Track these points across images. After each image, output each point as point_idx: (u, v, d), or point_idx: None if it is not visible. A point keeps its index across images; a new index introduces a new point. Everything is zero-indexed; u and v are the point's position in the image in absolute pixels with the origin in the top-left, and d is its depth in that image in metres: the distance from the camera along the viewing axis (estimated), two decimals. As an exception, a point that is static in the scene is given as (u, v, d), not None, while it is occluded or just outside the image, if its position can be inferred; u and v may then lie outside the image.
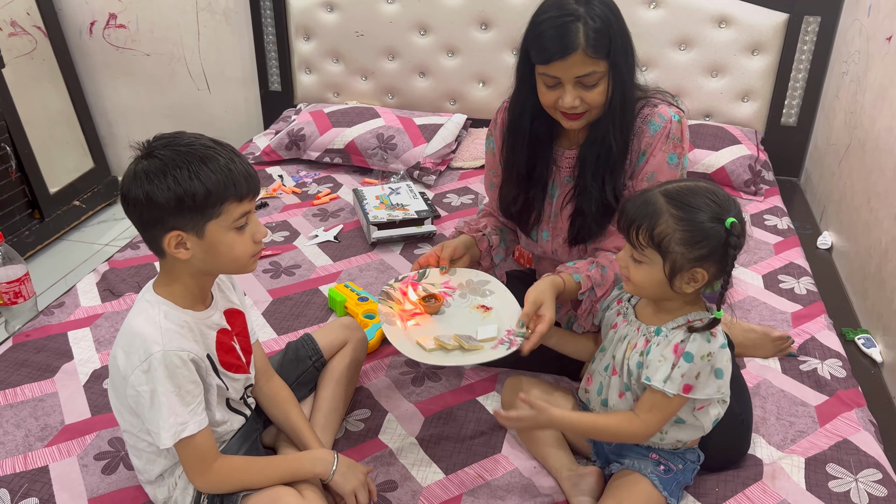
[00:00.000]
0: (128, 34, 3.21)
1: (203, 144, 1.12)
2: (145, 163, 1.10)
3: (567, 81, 1.36)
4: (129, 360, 1.14)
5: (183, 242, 1.13)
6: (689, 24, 2.59)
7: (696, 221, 1.14)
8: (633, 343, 1.26)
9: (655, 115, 1.45)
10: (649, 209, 1.17)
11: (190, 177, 1.08)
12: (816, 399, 1.57)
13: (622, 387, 1.28)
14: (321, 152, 2.63)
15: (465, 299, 1.53)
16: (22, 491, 1.32)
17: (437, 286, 1.54)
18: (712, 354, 1.18)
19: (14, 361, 1.65)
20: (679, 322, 1.22)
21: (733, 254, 1.14)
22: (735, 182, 2.42)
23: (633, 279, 1.22)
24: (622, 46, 1.37)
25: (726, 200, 1.18)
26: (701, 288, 1.20)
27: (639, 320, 1.28)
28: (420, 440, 1.44)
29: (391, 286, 1.53)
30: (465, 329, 1.43)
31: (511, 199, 1.60)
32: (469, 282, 1.55)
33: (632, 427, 1.21)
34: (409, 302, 1.50)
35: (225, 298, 1.31)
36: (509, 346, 1.35)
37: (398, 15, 2.80)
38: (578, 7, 1.32)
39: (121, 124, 3.46)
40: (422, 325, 1.46)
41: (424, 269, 1.57)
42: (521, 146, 1.53)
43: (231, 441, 1.30)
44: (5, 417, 1.49)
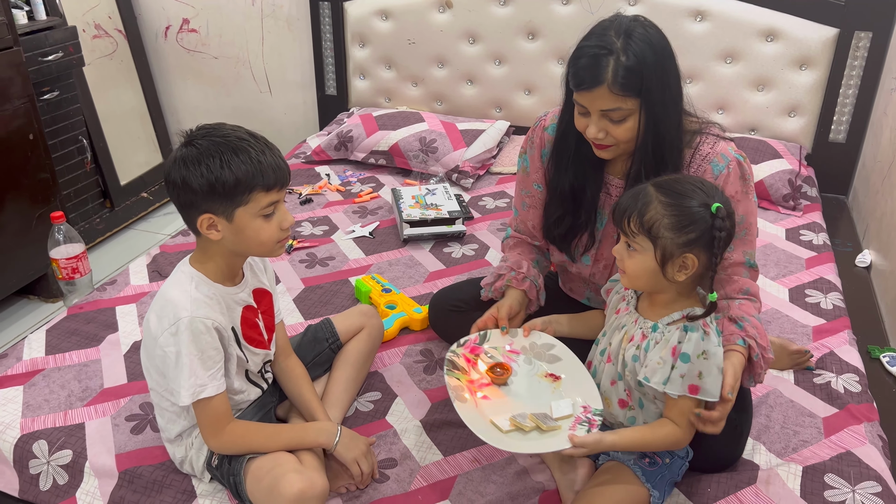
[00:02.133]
0: (198, 38, 3.41)
1: (238, 137, 1.23)
2: (185, 150, 1.22)
3: (593, 112, 1.35)
4: (160, 322, 1.25)
5: (214, 225, 1.24)
6: (735, 37, 2.58)
7: (683, 206, 1.19)
8: (629, 335, 1.30)
9: (718, 155, 1.41)
10: (640, 198, 1.22)
11: (221, 166, 1.19)
12: (826, 411, 1.56)
13: (615, 375, 1.32)
14: (367, 153, 2.75)
15: (530, 366, 1.46)
16: (59, 443, 1.46)
17: (499, 350, 1.49)
18: (707, 352, 1.20)
19: (66, 330, 1.81)
20: (674, 317, 1.26)
21: (720, 237, 1.17)
22: (773, 196, 2.40)
23: (627, 269, 1.26)
24: (658, 87, 1.32)
25: (713, 189, 1.22)
26: (693, 277, 1.23)
27: (637, 312, 1.32)
28: (424, 424, 1.51)
29: (455, 353, 1.47)
30: (537, 403, 1.37)
31: (554, 221, 1.57)
32: (533, 345, 1.49)
33: (676, 435, 1.24)
34: (476, 371, 1.45)
35: (255, 278, 1.41)
36: (589, 426, 1.28)
37: (449, 24, 2.90)
38: (616, 40, 1.29)
39: (189, 122, 3.64)
40: (491, 398, 1.40)
41: (485, 332, 1.51)
42: (565, 166, 1.51)
43: (247, 410, 1.41)
44: (53, 378, 1.64)
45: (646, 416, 1.30)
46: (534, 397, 1.40)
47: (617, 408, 1.33)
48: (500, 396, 1.41)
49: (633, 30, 1.32)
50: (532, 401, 1.39)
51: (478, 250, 2.20)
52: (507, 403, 1.39)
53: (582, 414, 1.33)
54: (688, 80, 2.69)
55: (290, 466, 1.24)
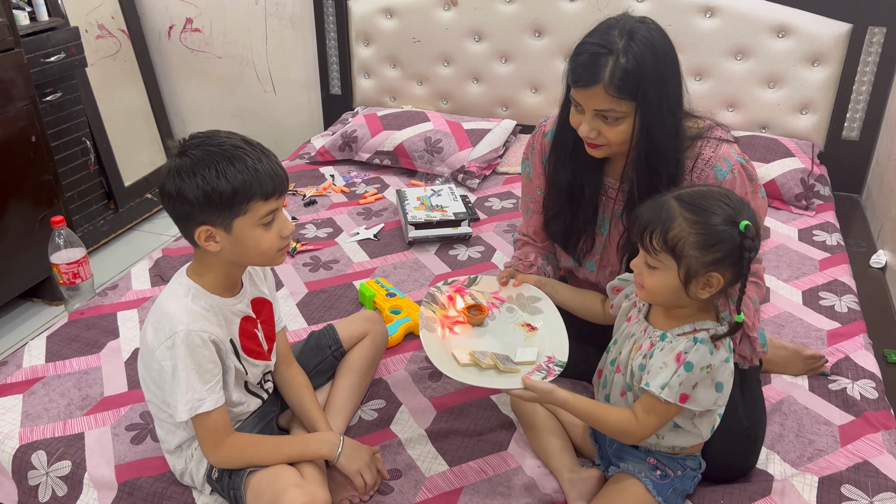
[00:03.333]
0: (202, 38, 3.39)
1: (233, 145, 1.19)
2: (178, 160, 1.18)
3: (587, 111, 1.34)
4: (156, 335, 1.22)
5: (212, 236, 1.21)
6: (746, 33, 2.54)
7: (710, 224, 1.14)
8: (638, 344, 1.26)
9: (720, 159, 1.39)
10: (663, 213, 1.17)
11: (217, 176, 1.15)
12: (842, 419, 1.52)
13: (624, 386, 1.28)
14: (371, 154, 2.71)
15: (511, 314, 1.48)
16: (57, 454, 1.44)
17: (485, 295, 1.51)
18: (712, 367, 1.16)
19: (67, 336, 1.79)
20: (685, 329, 1.22)
21: (748, 257, 1.13)
22: (785, 195, 2.35)
23: (647, 286, 1.21)
24: (655, 93, 1.29)
25: (740, 203, 1.17)
26: (716, 294, 1.19)
27: (647, 321, 1.28)
28: (429, 433, 1.48)
29: (438, 289, 1.51)
30: (506, 347, 1.40)
31: (552, 216, 1.56)
32: (520, 296, 1.50)
33: (629, 426, 1.21)
34: (455, 309, 1.48)
35: (255, 288, 1.38)
36: (546, 375, 1.30)
37: (454, 22, 2.86)
38: (618, 41, 1.27)
39: (193, 123, 3.64)
40: (461, 335, 1.43)
41: (476, 276, 1.54)
42: (564, 162, 1.50)
43: (247, 420, 1.38)
44: (53, 386, 1.62)
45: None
46: (504, 342, 1.42)
47: (627, 419, 1.29)
48: (471, 336, 1.43)
49: (637, 31, 1.28)
50: (502, 345, 1.40)
51: (484, 252, 2.16)
52: (474, 342, 1.41)
53: (544, 363, 1.34)
54: (697, 78, 2.65)
55: (291, 480, 1.21)
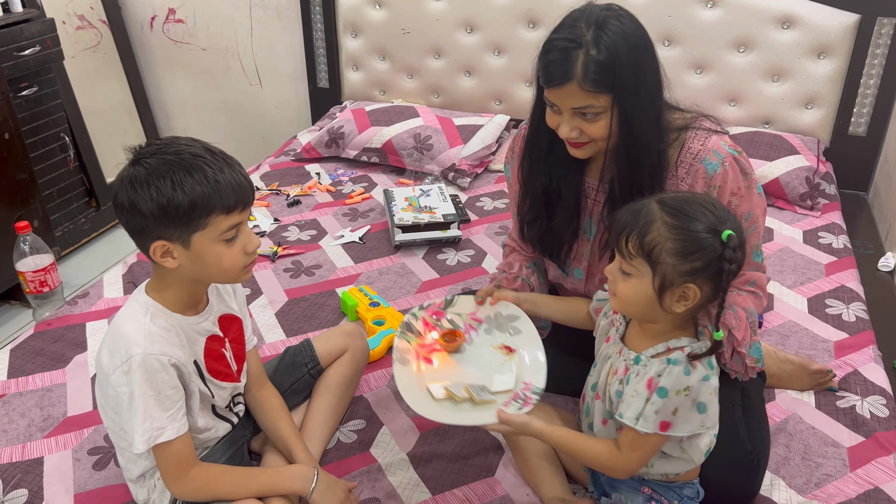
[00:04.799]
0: (185, 29, 3.27)
1: (192, 153, 1.09)
2: (132, 169, 1.08)
3: (564, 110, 1.25)
4: (111, 359, 1.13)
5: (169, 252, 1.11)
6: (749, 24, 2.43)
7: (691, 231, 1.04)
8: (614, 368, 1.17)
9: (710, 152, 1.31)
10: (641, 216, 1.08)
11: (174, 187, 1.06)
12: (851, 440, 1.43)
13: (605, 413, 1.19)
14: (359, 151, 2.61)
15: (489, 336, 1.39)
16: (14, 481, 1.34)
17: (463, 317, 1.42)
18: (690, 388, 1.07)
19: (32, 350, 1.69)
20: (659, 349, 1.12)
21: (728, 269, 1.04)
22: (790, 195, 2.25)
23: (619, 293, 1.12)
24: (632, 83, 1.21)
25: (725, 213, 1.08)
26: (692, 309, 1.10)
27: (622, 342, 1.19)
28: (411, 457, 1.39)
29: (414, 316, 1.40)
30: (483, 373, 1.31)
31: (529, 220, 1.48)
32: (497, 316, 1.40)
33: (612, 460, 1.13)
34: (431, 337, 1.38)
35: (223, 304, 1.29)
36: (522, 404, 1.21)
37: (445, 12, 2.74)
38: (587, 32, 1.18)
39: (178, 117, 3.53)
40: (438, 364, 1.33)
41: (452, 297, 1.44)
42: (539, 166, 1.41)
43: (216, 447, 1.28)
44: (13, 406, 1.53)
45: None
46: (482, 368, 1.33)
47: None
48: (449, 364, 1.34)
49: (606, 21, 1.19)
50: (479, 372, 1.32)
51: (474, 257, 2.06)
52: (451, 371, 1.32)
53: (521, 390, 1.25)
54: (697, 71, 2.54)
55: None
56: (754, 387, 1.48)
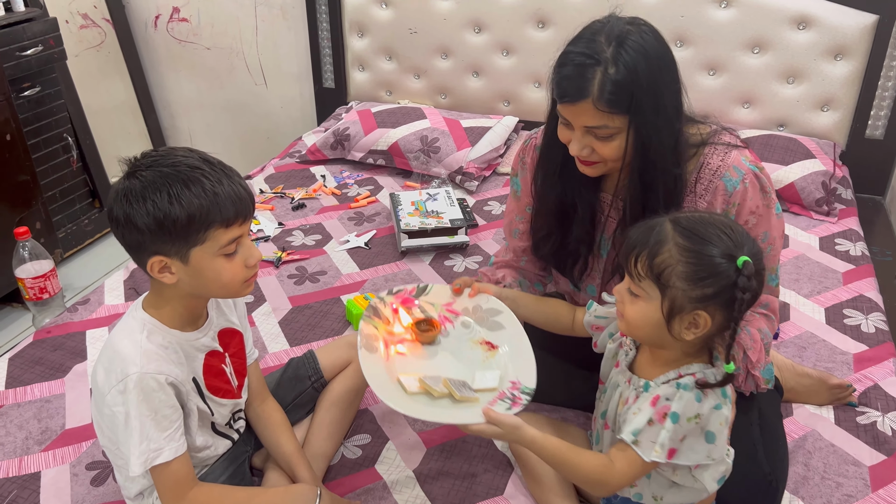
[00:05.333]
0: (190, 28, 3.23)
1: (189, 165, 1.04)
2: (127, 182, 1.04)
3: (576, 128, 1.19)
4: (107, 378, 1.09)
5: (167, 267, 1.07)
6: (764, 24, 2.37)
7: (704, 255, 0.99)
8: (624, 397, 1.12)
9: (730, 168, 1.25)
10: (653, 236, 1.03)
11: (170, 201, 1.01)
12: (872, 458, 1.38)
13: (614, 443, 1.14)
14: (365, 153, 2.57)
15: (468, 330, 1.33)
16: (10, 497, 1.31)
17: (437, 307, 1.35)
18: (701, 416, 1.02)
19: (31, 359, 1.66)
20: (669, 376, 1.07)
21: (741, 298, 0.98)
22: (805, 200, 2.20)
23: (626, 316, 1.07)
24: (650, 104, 1.15)
25: (743, 237, 1.02)
26: (703, 338, 1.05)
27: (631, 371, 1.14)
28: (418, 474, 1.35)
29: (382, 300, 1.33)
30: (462, 370, 1.24)
31: (542, 236, 1.42)
32: (477, 308, 1.34)
33: (605, 475, 1.06)
34: (400, 324, 1.32)
35: (223, 318, 1.24)
36: (511, 404, 1.15)
37: (452, 12, 2.70)
38: (606, 48, 1.12)
39: (182, 116, 3.50)
40: (408, 355, 1.26)
41: (427, 284, 1.39)
42: (553, 179, 1.35)
43: (215, 464, 1.25)
44: (11, 417, 1.49)
45: (654, 488, 1.12)
46: (460, 364, 1.24)
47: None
48: (421, 356, 1.25)
49: (627, 36, 1.13)
50: (457, 367, 1.23)
51: (482, 263, 2.02)
52: (424, 364, 1.23)
53: (508, 389, 1.18)
54: (710, 73, 2.49)
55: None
56: (771, 403, 1.43)
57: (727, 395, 1.06)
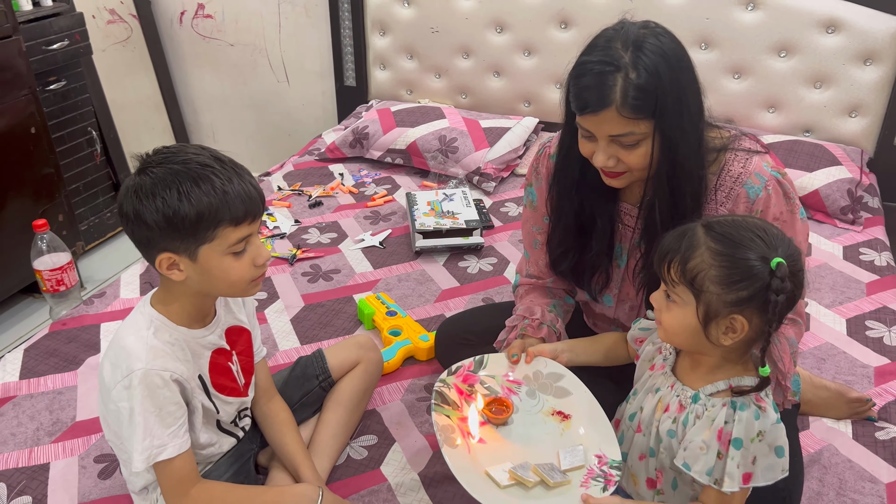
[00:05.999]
0: (214, 24, 3.25)
1: (200, 163, 1.04)
2: (137, 179, 1.05)
3: (601, 138, 1.16)
4: (113, 373, 1.09)
5: (175, 264, 1.07)
6: (791, 28, 2.32)
7: (737, 258, 0.97)
8: (665, 403, 1.09)
9: (752, 175, 1.22)
10: (685, 241, 1.01)
11: (180, 198, 1.01)
12: (890, 475, 1.34)
13: (646, 449, 1.12)
14: (383, 152, 2.56)
15: (534, 400, 1.27)
16: (19, 487, 1.32)
17: (497, 379, 1.30)
18: (764, 433, 1.00)
19: (45, 350, 1.67)
20: (720, 387, 1.05)
21: (776, 300, 0.96)
22: (830, 208, 2.15)
23: (664, 323, 1.06)
24: (675, 106, 1.12)
25: (778, 239, 1.00)
26: (744, 342, 1.02)
27: (675, 375, 1.11)
28: (423, 477, 1.34)
29: (445, 383, 1.27)
30: (541, 449, 1.19)
31: (560, 253, 1.39)
32: (537, 374, 1.29)
33: None
34: (476, 408, 1.25)
35: (231, 315, 1.24)
36: (605, 483, 1.10)
37: (474, 11, 2.68)
38: (624, 54, 1.09)
39: (206, 112, 3.52)
40: (486, 440, 1.20)
41: (482, 357, 1.31)
42: (570, 194, 1.32)
43: (220, 461, 1.25)
44: (23, 408, 1.51)
45: (679, 499, 1.10)
46: (538, 441, 1.21)
47: (644, 487, 1.13)
48: (498, 440, 1.21)
49: (644, 40, 1.10)
50: (536, 446, 1.20)
51: (496, 265, 2.00)
52: (505, 449, 1.20)
53: (596, 466, 1.14)
54: (735, 76, 2.45)
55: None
56: (787, 415, 1.39)
57: (777, 410, 1.04)
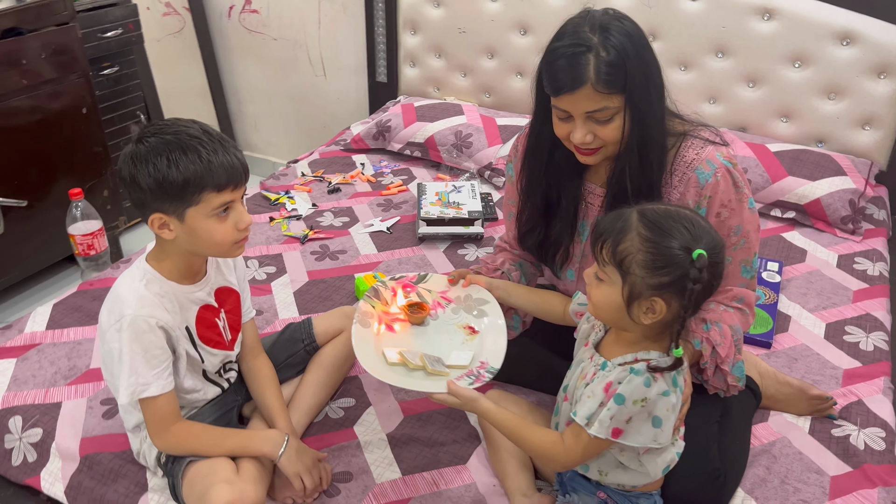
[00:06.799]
0: (259, 19, 3.43)
1: (189, 134, 1.18)
2: (135, 147, 1.19)
3: (577, 116, 1.26)
4: (108, 317, 1.24)
5: (166, 224, 1.21)
6: (806, 39, 2.35)
7: (662, 245, 1.06)
8: (584, 372, 1.19)
9: (703, 161, 1.31)
10: (618, 224, 1.10)
11: (169, 165, 1.15)
12: (837, 468, 1.39)
13: (570, 416, 1.21)
14: (403, 144, 2.68)
15: (455, 315, 1.44)
16: (33, 421, 1.49)
17: (433, 294, 1.47)
18: (648, 400, 1.08)
19: (71, 306, 1.85)
20: (627, 359, 1.13)
21: (692, 289, 1.04)
22: (830, 217, 2.17)
23: (592, 298, 1.15)
24: (642, 80, 1.24)
25: (704, 231, 1.08)
26: (661, 323, 1.11)
27: (596, 349, 1.20)
28: (391, 437, 1.45)
29: (384, 284, 1.48)
30: (441, 349, 1.35)
31: (527, 230, 1.51)
32: (468, 297, 1.45)
33: (554, 450, 1.15)
34: (397, 305, 1.45)
35: (221, 277, 1.38)
36: (474, 381, 1.25)
37: (500, 13, 2.78)
38: (593, 36, 1.21)
39: (249, 103, 3.71)
40: (399, 332, 1.40)
41: (427, 273, 1.51)
42: (538, 176, 1.44)
43: (205, 408, 1.38)
44: (45, 354, 1.68)
45: (600, 464, 1.18)
46: (442, 344, 1.37)
47: (570, 451, 1.22)
48: (409, 335, 1.39)
49: (609, 23, 1.22)
50: (438, 346, 1.36)
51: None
52: (410, 341, 1.37)
53: (476, 368, 1.29)
54: (750, 84, 2.48)
55: (223, 476, 1.21)
56: (742, 406, 1.46)
57: (678, 385, 1.12)
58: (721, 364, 1.29)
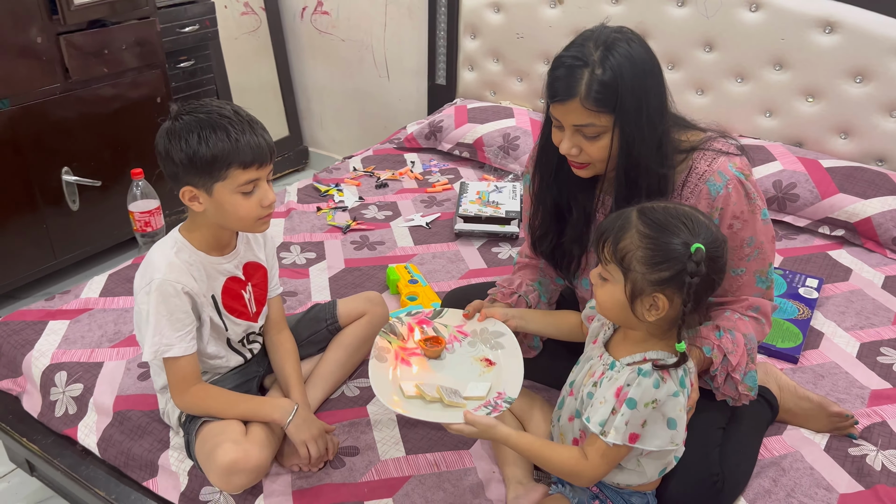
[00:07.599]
0: (329, 20, 3.57)
1: (220, 114, 1.27)
2: (170, 124, 1.29)
3: (567, 127, 1.28)
4: (140, 280, 1.35)
5: (196, 197, 1.30)
6: (869, 53, 2.28)
7: (661, 241, 1.07)
8: (592, 370, 1.20)
9: (715, 173, 1.30)
10: (618, 222, 1.12)
11: (199, 141, 1.24)
12: (848, 487, 1.35)
13: (573, 411, 1.23)
14: (453, 144, 2.74)
15: (472, 348, 1.44)
16: (76, 377, 1.61)
17: (449, 328, 1.47)
18: (658, 402, 1.09)
19: (125, 276, 1.98)
20: (636, 358, 1.14)
21: (690, 282, 1.05)
22: (882, 237, 2.10)
23: (597, 297, 1.17)
24: (634, 104, 1.23)
25: (702, 226, 1.09)
26: (666, 319, 1.12)
27: (606, 348, 1.22)
28: (400, 419, 1.50)
29: (400, 320, 1.48)
30: (459, 381, 1.35)
31: (540, 234, 1.52)
32: (483, 331, 1.45)
33: (578, 467, 1.15)
34: (413, 340, 1.45)
35: (250, 252, 1.47)
36: (491, 411, 1.25)
37: (558, 20, 2.81)
38: (595, 52, 1.22)
39: (316, 100, 3.85)
40: (416, 368, 1.40)
41: (442, 308, 1.52)
42: (549, 181, 1.45)
43: (227, 375, 1.47)
44: (96, 318, 1.81)
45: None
46: (459, 376, 1.37)
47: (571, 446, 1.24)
48: (426, 369, 1.39)
49: (615, 43, 1.22)
50: (455, 379, 1.36)
51: (528, 254, 2.12)
52: (427, 375, 1.37)
53: (494, 399, 1.29)
54: (808, 99, 2.42)
55: (231, 436, 1.28)
56: (754, 417, 1.44)
57: (685, 385, 1.13)
58: (732, 372, 1.28)
